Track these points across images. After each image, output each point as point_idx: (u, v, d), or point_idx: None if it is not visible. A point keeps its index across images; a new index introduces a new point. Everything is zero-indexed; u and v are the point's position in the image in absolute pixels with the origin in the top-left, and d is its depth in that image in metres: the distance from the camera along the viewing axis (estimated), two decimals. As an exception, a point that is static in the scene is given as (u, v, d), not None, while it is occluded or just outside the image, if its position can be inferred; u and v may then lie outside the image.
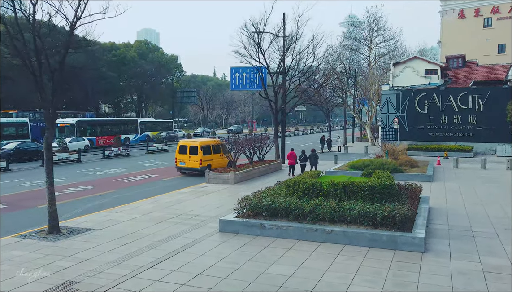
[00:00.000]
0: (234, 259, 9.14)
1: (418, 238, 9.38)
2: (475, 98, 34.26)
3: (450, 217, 12.64)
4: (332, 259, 9.00)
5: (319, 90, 31.33)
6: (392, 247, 9.53)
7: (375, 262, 8.75)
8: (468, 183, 19.28)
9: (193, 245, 10.19)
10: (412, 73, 39.86)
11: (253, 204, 11.36)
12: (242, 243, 10.25)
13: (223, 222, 11.38)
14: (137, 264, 8.84)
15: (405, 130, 36.67)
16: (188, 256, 9.35)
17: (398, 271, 8.27)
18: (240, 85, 30.24)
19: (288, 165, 22.75)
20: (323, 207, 10.61)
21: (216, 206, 14.87)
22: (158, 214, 13.61)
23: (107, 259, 9.21)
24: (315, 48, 25.37)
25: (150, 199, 16.55)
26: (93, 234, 11.33)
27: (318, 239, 10.21)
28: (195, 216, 13.33)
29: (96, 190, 19.19)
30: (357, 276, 8.01)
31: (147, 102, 79.21)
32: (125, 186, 20.46)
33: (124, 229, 11.75)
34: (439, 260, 8.84)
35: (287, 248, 9.76)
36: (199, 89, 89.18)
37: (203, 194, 17.42)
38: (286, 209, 10.95)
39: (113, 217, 13.28)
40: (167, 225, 12.20)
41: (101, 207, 15.18)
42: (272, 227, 10.70)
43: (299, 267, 8.57)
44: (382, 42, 45.40)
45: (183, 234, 11.19)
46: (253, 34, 25.82)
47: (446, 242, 10.08)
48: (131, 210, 14.30)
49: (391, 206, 10.27)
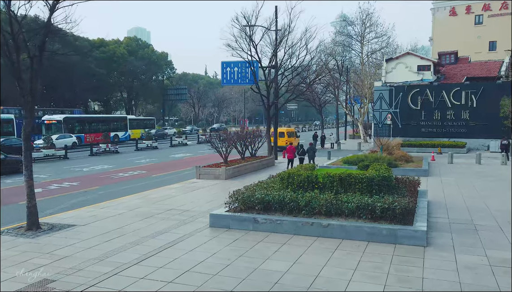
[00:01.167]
0: (225, 254, 8.56)
1: (420, 231, 8.88)
2: (468, 94, 34.06)
3: (450, 210, 12.18)
4: (330, 253, 8.46)
5: (311, 85, 30.83)
6: (392, 241, 9.02)
7: (376, 257, 8.22)
8: (465, 177, 18.91)
9: (181, 240, 9.58)
10: (405, 69, 39.60)
11: (246, 198, 10.78)
12: (234, 238, 9.67)
13: (213, 216, 10.78)
14: (120, 261, 8.20)
15: (398, 126, 36.32)
16: (176, 252, 8.73)
17: (401, 266, 7.75)
18: (231, 80, 29.61)
19: (287, 159, 22.22)
20: (319, 199, 10.06)
21: (206, 201, 14.27)
22: (145, 209, 12.97)
23: (89, 255, 8.55)
24: (308, 42, 24.82)
25: (137, 194, 15.87)
26: (75, 230, 10.65)
27: (314, 233, 9.66)
28: (185, 211, 12.71)
29: (81, 186, 18.45)
30: (357, 272, 7.47)
31: (137, 100, 78.03)
32: (112, 182, 19.74)
33: (108, 225, 11.09)
34: (442, 254, 8.34)
35: (281, 243, 9.20)
36: (190, 88, 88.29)
37: (193, 189, 16.79)
38: (280, 202, 10.39)
39: (98, 213, 12.60)
40: (154, 220, 11.56)
41: (86, 203, 14.48)
42: (266, 221, 10.12)
43: (295, 262, 8.01)
44: (374, 38, 45.09)
45: (171, 229, 10.57)
46: (244, 28, 25.24)
47: (448, 236, 9.60)
48: (117, 206, 13.62)
49: (391, 198, 9.76)
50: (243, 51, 24.87)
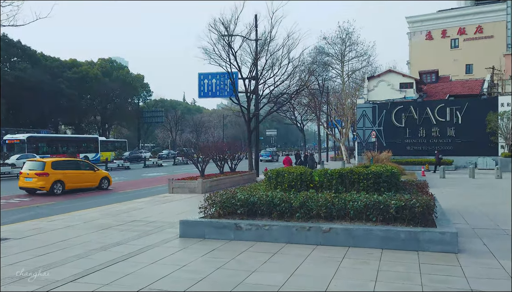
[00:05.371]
0: (198, 267, 6.39)
1: (449, 233, 6.95)
2: (453, 110, 33.19)
3: (466, 217, 10.36)
4: (337, 263, 6.41)
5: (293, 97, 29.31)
6: (414, 247, 7.05)
7: (398, 266, 6.23)
8: (466, 188, 17.34)
9: (141, 252, 7.35)
10: (387, 87, 38.78)
11: (225, 200, 8.67)
12: (210, 248, 7.51)
13: (185, 223, 8.60)
14: (52, 278, 5.92)
15: (382, 144, 34.93)
16: (131, 266, 6.51)
17: (434, 275, 5.77)
18: (209, 92, 27.65)
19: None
20: (318, 199, 8.06)
21: (178, 212, 12.04)
22: (103, 221, 10.65)
23: (10, 273, 6.23)
24: (290, 49, 23.36)
25: (98, 207, 13.50)
26: (6, 244, 8.26)
27: (312, 240, 7.62)
28: (150, 222, 10.45)
29: (34, 201, 15.90)
30: (380, 283, 5.45)
31: (112, 123, 74.91)
32: (71, 197, 17.23)
33: (50, 238, 8.74)
34: (483, 261, 6.43)
35: (271, 253, 7.10)
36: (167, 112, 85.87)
37: (164, 202, 14.51)
38: (268, 203, 8.32)
39: (44, 226, 10.20)
40: (111, 232, 9.27)
41: (34, 217, 12.04)
42: (251, 228, 8.02)
43: (292, 274, 5.92)
44: (355, 57, 44.43)
45: (130, 241, 8.31)
46: (223, 35, 23.63)
47: (478, 241, 7.71)
48: (70, 219, 11.23)
49: (406, 195, 7.87)
50: (221, 58, 23.17)
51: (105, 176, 20.52)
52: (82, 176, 19.29)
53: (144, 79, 79.41)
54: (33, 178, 17.71)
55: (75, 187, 18.78)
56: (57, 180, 17.94)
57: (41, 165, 18.07)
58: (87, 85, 63.21)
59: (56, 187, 17.92)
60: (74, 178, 18.79)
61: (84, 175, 19.41)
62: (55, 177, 17.90)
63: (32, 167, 18.21)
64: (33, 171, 17.87)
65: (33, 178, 17.73)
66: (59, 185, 17.99)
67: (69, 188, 18.44)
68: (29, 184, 17.89)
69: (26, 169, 18.29)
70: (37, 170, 17.85)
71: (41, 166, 18.00)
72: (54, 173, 17.93)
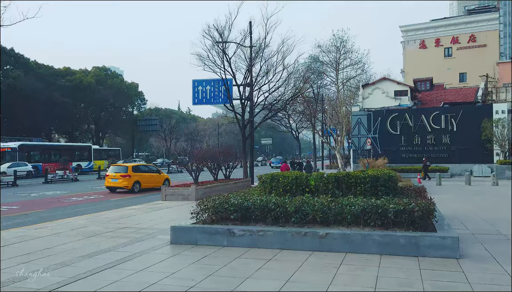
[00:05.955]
0: (188, 274, 6.08)
1: (450, 238, 6.69)
2: (448, 118, 33.14)
3: (465, 222, 10.12)
4: (334, 269, 6.12)
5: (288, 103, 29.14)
6: (413, 253, 6.78)
7: (397, 272, 5.95)
8: (463, 195, 17.15)
9: (129, 259, 7.02)
10: (381, 94, 38.86)
11: (218, 205, 8.37)
12: (202, 255, 7.20)
13: (176, 229, 8.29)
14: (32, 287, 5.59)
15: (377, 152, 34.74)
16: (118, 273, 6.18)
17: (437, 281, 5.49)
18: (203, 99, 27.43)
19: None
20: (314, 203, 7.79)
21: (170, 219, 11.70)
22: (92, 229, 10.29)
23: None
24: (284, 55, 23.23)
25: (87, 215, 13.14)
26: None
27: (308, 246, 7.33)
28: (141, 229, 10.12)
29: (22, 210, 15.48)
30: (380, 290, 5.16)
31: (106, 132, 74.38)
32: (61, 205, 16.82)
33: (36, 245, 8.39)
34: (486, 266, 6.17)
35: (266, 259, 6.80)
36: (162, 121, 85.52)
37: (157, 209, 14.16)
38: (263, 208, 8.03)
39: (29, 233, 9.83)
40: (99, 239, 8.93)
41: (20, 225, 11.65)
42: (244, 233, 7.72)
43: (287, 281, 5.62)
44: (349, 65, 44.51)
45: (119, 248, 7.98)
46: (217, 42, 23.48)
47: (479, 246, 7.46)
48: (57, 226, 10.85)
49: (405, 199, 7.62)
50: (215, 64, 22.97)
51: (167, 178, 23.67)
52: (152, 178, 22.87)
53: (138, 88, 79.07)
54: (119, 179, 21.36)
55: (148, 186, 22.23)
56: (136, 181, 21.59)
57: (125, 169, 21.92)
58: (81, 93, 62.78)
59: (135, 186, 21.53)
60: (147, 179, 22.50)
61: (153, 177, 22.95)
62: (134, 178, 21.56)
63: (117, 170, 21.98)
64: (119, 173, 21.55)
65: (118, 179, 21.38)
66: (137, 185, 21.67)
67: (144, 187, 22.01)
68: (114, 184, 21.59)
69: (112, 172, 21.93)
70: (121, 173, 21.54)
71: (124, 170, 21.80)
72: (134, 175, 21.63)
